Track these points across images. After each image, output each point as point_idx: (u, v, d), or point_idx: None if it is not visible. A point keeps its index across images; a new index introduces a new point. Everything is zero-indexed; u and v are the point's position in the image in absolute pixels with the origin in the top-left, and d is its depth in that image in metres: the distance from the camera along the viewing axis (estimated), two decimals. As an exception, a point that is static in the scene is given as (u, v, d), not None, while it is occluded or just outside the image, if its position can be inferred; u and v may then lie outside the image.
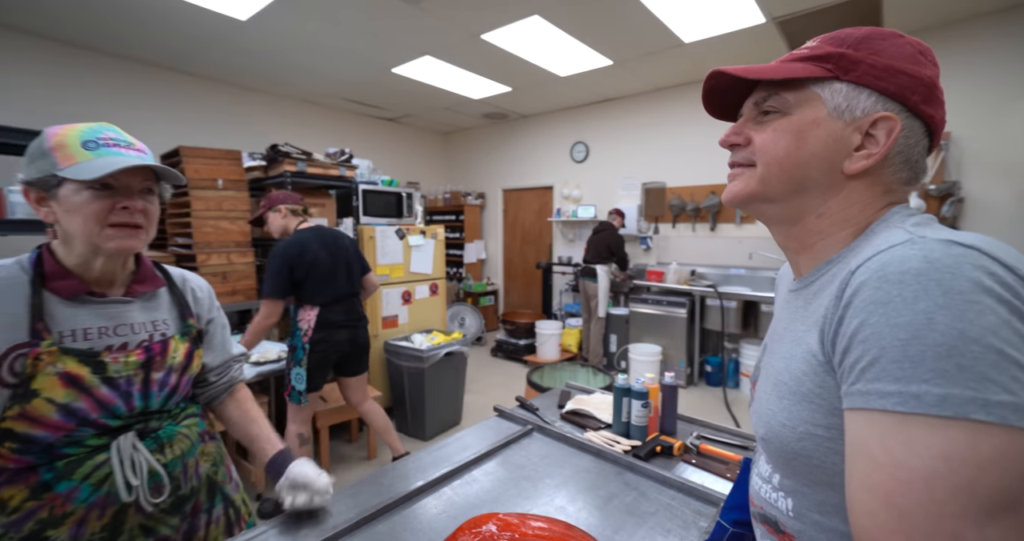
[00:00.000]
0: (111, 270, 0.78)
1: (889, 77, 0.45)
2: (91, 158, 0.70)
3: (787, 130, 0.47)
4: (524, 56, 3.51)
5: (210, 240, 2.55)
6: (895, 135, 0.44)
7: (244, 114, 4.29)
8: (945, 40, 3.05)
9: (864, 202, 0.47)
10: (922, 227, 0.42)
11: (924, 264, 0.35)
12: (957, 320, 0.32)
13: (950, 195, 3.06)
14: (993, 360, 0.31)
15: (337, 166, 2.78)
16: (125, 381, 0.75)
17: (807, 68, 0.47)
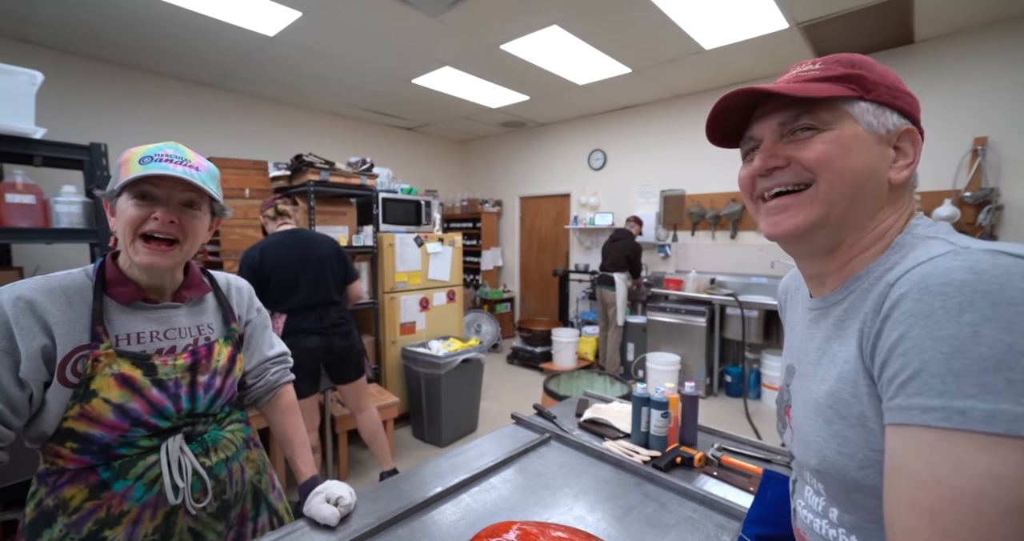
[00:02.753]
0: (158, 280, 0.81)
1: (902, 96, 0.48)
2: (139, 170, 0.73)
3: (838, 142, 0.46)
4: (542, 65, 3.54)
5: (236, 247, 2.63)
6: (919, 146, 0.47)
7: (272, 126, 4.44)
8: (980, 42, 2.97)
9: (898, 213, 0.48)
10: (956, 236, 0.42)
11: (970, 275, 0.34)
12: (1006, 333, 0.31)
13: (987, 202, 2.94)
14: None
15: (358, 175, 2.84)
16: (173, 383, 0.78)
17: (834, 88, 0.47)
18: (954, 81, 3.07)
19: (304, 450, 0.96)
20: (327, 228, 2.80)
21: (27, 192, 1.74)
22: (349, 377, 2.12)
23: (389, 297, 3.03)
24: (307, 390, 2.00)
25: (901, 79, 0.50)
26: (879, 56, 3.31)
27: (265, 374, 1.00)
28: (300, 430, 0.99)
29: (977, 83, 3.00)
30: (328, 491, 0.87)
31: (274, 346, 1.03)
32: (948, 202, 3.03)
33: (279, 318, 1.98)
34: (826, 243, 0.49)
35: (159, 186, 0.75)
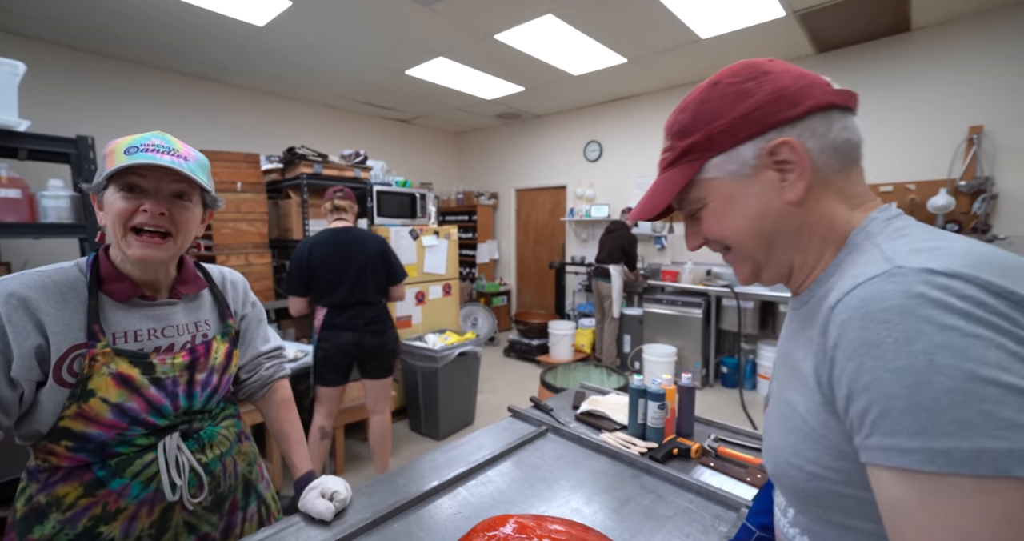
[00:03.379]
0: (152, 276, 0.79)
1: (742, 126, 0.45)
2: (124, 161, 0.70)
3: (720, 212, 0.49)
4: (537, 55, 3.50)
5: (229, 242, 2.60)
6: (799, 147, 0.44)
7: (263, 119, 4.38)
8: (977, 30, 2.95)
9: (829, 217, 0.46)
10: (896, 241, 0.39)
11: (907, 300, 0.32)
12: (964, 360, 0.29)
13: (982, 192, 2.95)
14: (1017, 401, 0.28)
15: (352, 168, 2.81)
16: (171, 382, 0.77)
17: (682, 174, 0.49)
18: (950, 69, 3.06)
19: (300, 446, 0.95)
20: (320, 221, 2.77)
21: (12, 186, 1.70)
22: (376, 374, 2.17)
23: (385, 291, 3.01)
24: (335, 381, 2.10)
25: (750, 83, 0.46)
26: (875, 45, 3.29)
27: (259, 369, 0.99)
28: (296, 426, 0.98)
29: (973, 71, 2.99)
30: (323, 486, 0.86)
31: (268, 340, 1.02)
32: (943, 191, 3.03)
33: (320, 311, 2.07)
34: (778, 277, 0.51)
35: (147, 177, 0.73)
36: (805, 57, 3.55)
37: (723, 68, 0.50)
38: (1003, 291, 0.31)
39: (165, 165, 0.71)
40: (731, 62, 0.52)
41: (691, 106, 0.50)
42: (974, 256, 0.34)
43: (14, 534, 0.71)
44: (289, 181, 2.71)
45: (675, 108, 0.52)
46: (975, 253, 0.35)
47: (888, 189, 3.29)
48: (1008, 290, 0.31)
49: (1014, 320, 0.30)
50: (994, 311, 0.31)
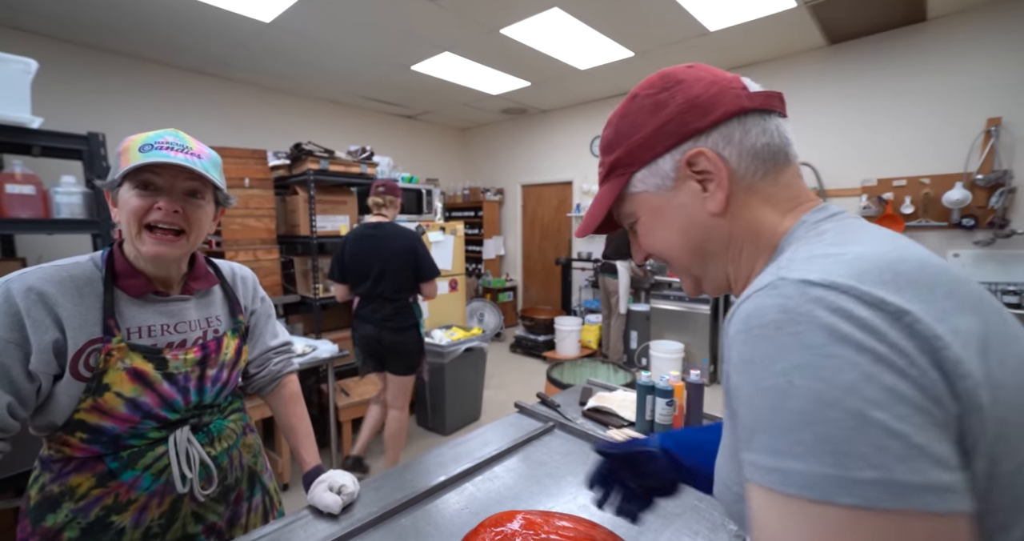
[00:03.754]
0: (165, 272, 0.80)
1: (659, 139, 0.46)
2: (139, 158, 0.71)
3: (650, 226, 0.50)
4: (543, 50, 3.47)
5: (237, 237, 2.62)
6: (714, 157, 0.43)
7: (269, 115, 4.39)
8: (995, 19, 2.87)
9: (756, 225, 0.44)
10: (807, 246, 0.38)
11: (781, 315, 0.32)
12: (814, 380, 0.29)
13: (1000, 185, 2.88)
14: (854, 427, 0.27)
15: (358, 163, 2.82)
16: (183, 377, 0.78)
17: (612, 189, 0.51)
18: (968, 60, 2.99)
19: (308, 440, 0.96)
20: (327, 217, 2.78)
21: (26, 182, 1.73)
22: (395, 370, 2.21)
23: (391, 287, 3.02)
24: (365, 370, 2.28)
25: (663, 94, 0.46)
26: (889, 35, 3.22)
27: (268, 364, 1.00)
28: (304, 420, 0.99)
29: (992, 62, 2.91)
30: (331, 480, 0.87)
31: (277, 335, 1.02)
32: (959, 185, 2.97)
33: (355, 300, 2.22)
34: (718, 288, 0.50)
35: (161, 175, 0.73)
36: (816, 49, 3.48)
37: (643, 80, 0.50)
38: (877, 302, 0.30)
39: (179, 163, 0.71)
40: (739, 56, 0.52)
41: (614, 121, 0.51)
42: (869, 262, 0.33)
43: (28, 521, 0.73)
44: (296, 177, 2.72)
45: (605, 122, 0.53)
46: (872, 258, 0.33)
47: (901, 183, 3.23)
48: (882, 301, 0.30)
49: (879, 334, 0.29)
50: (860, 325, 0.29)
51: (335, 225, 2.81)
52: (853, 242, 0.36)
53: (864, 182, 3.37)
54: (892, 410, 0.27)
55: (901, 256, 0.34)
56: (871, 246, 0.35)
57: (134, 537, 0.74)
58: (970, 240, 3.02)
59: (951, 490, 0.27)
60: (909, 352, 0.29)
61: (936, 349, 0.29)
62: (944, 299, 0.31)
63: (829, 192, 3.51)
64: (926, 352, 0.29)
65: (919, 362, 0.28)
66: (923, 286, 0.32)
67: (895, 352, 0.29)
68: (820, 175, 3.53)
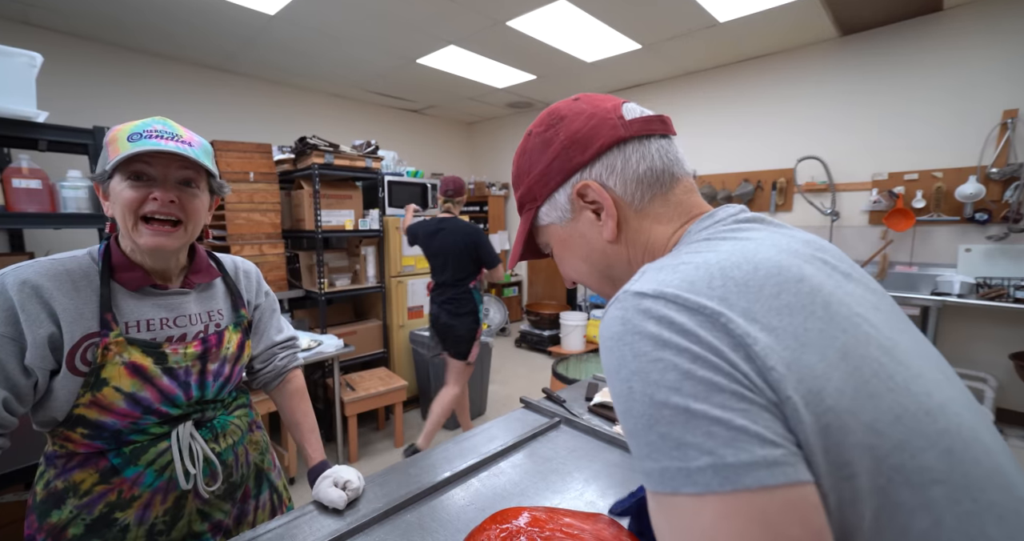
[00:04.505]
0: (163, 264, 0.79)
1: (551, 175, 0.49)
2: (129, 148, 0.70)
3: (561, 255, 0.54)
4: (550, 42, 3.43)
5: (243, 232, 2.62)
6: (597, 188, 0.47)
7: (274, 109, 4.39)
8: (1014, 9, 2.80)
9: (651, 245, 0.47)
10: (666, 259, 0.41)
11: (619, 327, 0.35)
12: (647, 385, 0.32)
13: (1015, 179, 2.82)
14: (683, 420, 0.30)
15: (363, 157, 2.80)
16: (184, 371, 0.77)
17: (524, 224, 0.55)
18: (983, 50, 2.92)
19: (312, 435, 0.96)
20: (332, 212, 2.77)
21: (33, 177, 1.73)
22: (450, 351, 2.46)
23: (396, 281, 3.02)
24: (439, 349, 2.51)
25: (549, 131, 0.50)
26: (903, 26, 3.15)
27: (273, 359, 0.99)
28: (309, 415, 0.98)
29: (1009, 52, 2.84)
30: (336, 475, 0.87)
31: (282, 330, 1.02)
32: (973, 179, 2.91)
33: (430, 284, 2.53)
34: None
35: (153, 164, 0.72)
36: (828, 41, 3.42)
37: (537, 116, 0.54)
38: (696, 307, 0.33)
39: (171, 151, 0.69)
40: (748, 49, 0.54)
41: (516, 159, 0.55)
42: (704, 270, 0.36)
43: (34, 517, 0.73)
44: (301, 171, 2.71)
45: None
46: (710, 265, 0.36)
47: (913, 177, 3.18)
48: (701, 306, 0.33)
49: (695, 336, 0.32)
50: (679, 330, 0.33)
51: (340, 220, 2.80)
52: (709, 250, 0.39)
53: (875, 176, 3.32)
54: (711, 400, 0.30)
55: (739, 261, 0.37)
56: (721, 253, 0.38)
57: (138, 534, 0.74)
58: (983, 235, 2.97)
59: (780, 463, 0.29)
60: (721, 349, 0.32)
61: (746, 345, 0.32)
62: (769, 299, 0.34)
63: (839, 186, 3.46)
64: (738, 348, 0.32)
65: (730, 357, 0.31)
66: (750, 289, 0.35)
67: (708, 350, 0.32)
68: (829, 169, 3.47)
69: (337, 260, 3.02)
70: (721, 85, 3.99)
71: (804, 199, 3.60)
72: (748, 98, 3.83)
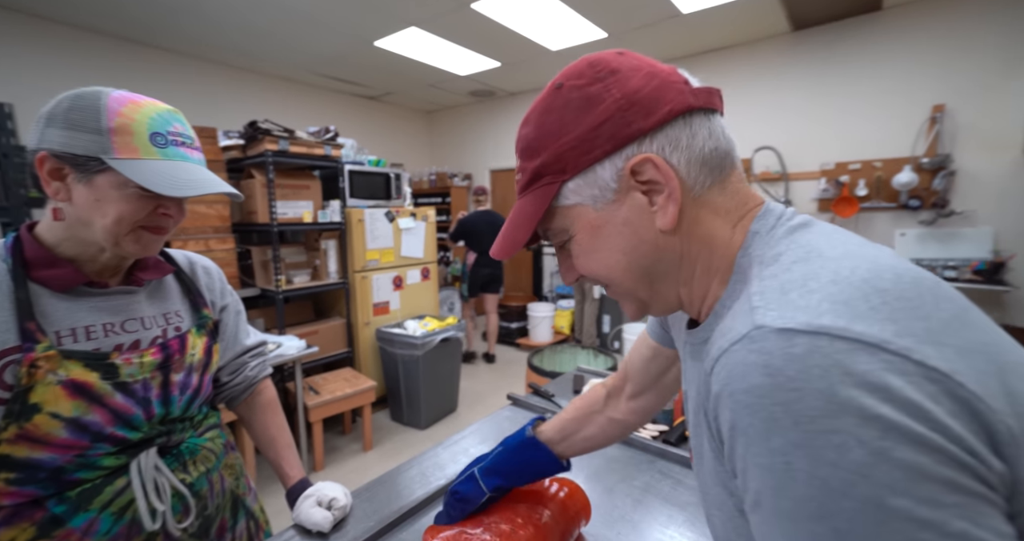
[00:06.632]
0: (115, 262, 0.66)
1: (596, 142, 0.38)
2: (158, 159, 0.58)
3: (588, 246, 0.42)
4: (515, 28, 3.34)
5: (185, 226, 2.38)
6: (662, 164, 0.37)
7: (215, 91, 4.02)
8: (944, 10, 3.00)
9: (709, 242, 0.40)
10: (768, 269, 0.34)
11: (766, 379, 0.27)
12: (817, 464, 0.25)
13: (942, 168, 3.06)
14: (873, 520, 0.24)
15: (322, 145, 2.61)
16: (141, 386, 0.64)
17: (538, 201, 0.42)
18: (917, 48, 3.13)
19: (289, 451, 0.85)
20: (288, 203, 2.57)
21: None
22: (493, 291, 3.96)
23: (360, 276, 2.87)
24: (477, 293, 3.93)
25: (596, 85, 0.39)
26: (848, 23, 3.32)
27: (244, 369, 0.87)
28: (284, 429, 0.87)
29: (938, 51, 3.06)
30: (319, 493, 0.77)
31: (251, 334, 0.90)
32: (908, 168, 3.13)
33: (471, 255, 3.86)
34: (669, 310, 0.45)
35: None
36: (782, 35, 3.54)
37: (567, 66, 0.42)
38: (877, 343, 0.26)
39: (218, 192, 0.63)
40: (708, 41, 0.44)
41: (534, 117, 0.42)
42: (847, 284, 0.29)
43: None
44: (252, 159, 2.49)
45: (522, 119, 0.44)
46: (846, 277, 0.30)
47: (856, 167, 3.38)
48: (882, 342, 0.26)
49: (890, 393, 0.25)
50: (864, 383, 0.26)
51: (297, 211, 2.61)
52: (812, 258, 0.32)
53: (823, 165, 3.50)
54: (915, 493, 0.23)
55: (873, 267, 0.30)
56: (834, 262, 0.31)
57: None
58: (916, 220, 3.21)
59: None
60: (926, 408, 0.24)
61: (960, 397, 0.25)
62: (939, 315, 0.28)
63: (791, 175, 3.63)
64: (949, 401, 0.25)
65: (939, 419, 0.24)
66: (913, 304, 0.28)
67: (907, 413, 0.24)
68: (783, 159, 3.63)
69: (295, 255, 2.82)
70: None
71: (760, 188, 3.74)
72: (707, 90, 3.93)
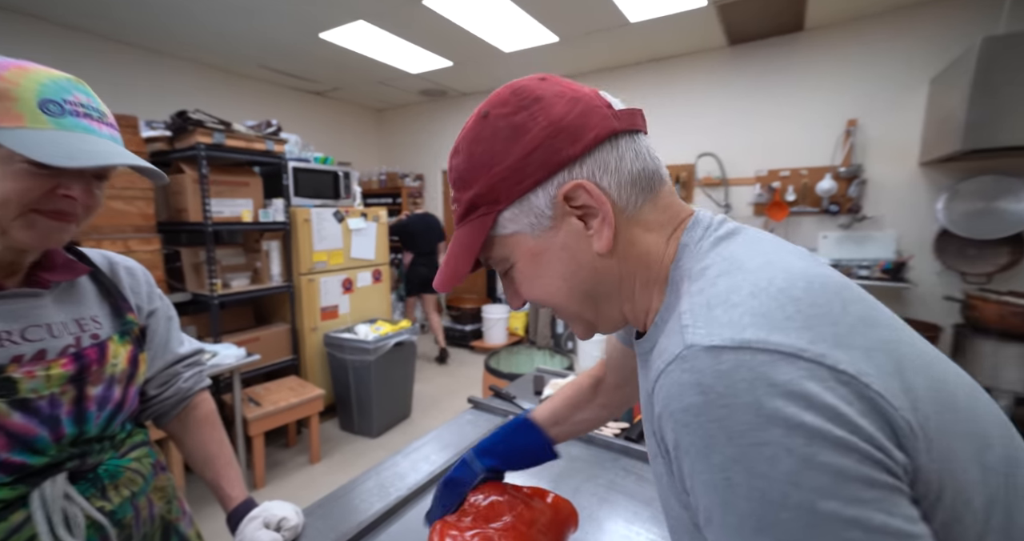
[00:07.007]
0: (9, 258, 0.57)
1: (526, 171, 0.39)
2: (51, 128, 0.49)
3: (530, 274, 0.43)
4: (468, 27, 3.31)
5: (100, 224, 2.13)
6: (593, 189, 0.38)
7: (135, 78, 3.66)
8: (858, 33, 3.33)
9: (644, 259, 0.41)
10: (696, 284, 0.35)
11: (699, 397, 0.29)
12: (754, 477, 0.27)
13: (856, 177, 3.39)
14: (808, 525, 0.25)
15: (263, 139, 2.44)
16: (48, 402, 0.55)
17: (475, 232, 0.42)
18: (833, 67, 3.45)
19: (230, 469, 0.76)
20: (225, 201, 2.38)
21: None
22: (431, 290, 3.88)
23: (307, 279, 2.71)
24: (416, 293, 4.04)
25: (521, 114, 0.39)
26: (777, 40, 3.59)
27: (176, 381, 0.77)
28: (225, 445, 0.79)
29: (852, 69, 3.39)
30: (266, 514, 0.70)
31: (184, 342, 0.80)
32: (828, 176, 3.44)
33: (408, 256, 4.05)
34: (615, 327, 0.46)
35: None
36: (719, 48, 3.78)
37: (492, 94, 0.42)
38: (793, 352, 0.28)
39: (125, 165, 0.52)
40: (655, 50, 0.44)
41: (464, 147, 0.42)
42: (765, 296, 0.31)
43: None
44: (181, 152, 2.28)
45: (451, 148, 0.44)
46: (764, 288, 0.31)
47: (786, 174, 3.66)
48: (798, 350, 0.28)
49: (811, 400, 0.27)
50: (788, 393, 0.27)
51: (235, 210, 2.42)
52: (736, 267, 0.34)
53: (757, 172, 3.76)
54: (841, 495, 0.25)
55: (788, 276, 0.32)
56: (753, 268, 0.33)
57: None
58: (835, 224, 3.53)
59: None
60: (841, 411, 0.26)
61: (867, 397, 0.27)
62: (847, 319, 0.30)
63: (731, 181, 3.87)
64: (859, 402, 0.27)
65: (854, 420, 0.26)
66: (823, 310, 0.30)
67: (826, 418, 0.26)
68: (723, 165, 3.86)
69: (232, 257, 2.62)
70: (630, 83, 4.21)
71: (703, 192, 3.96)
72: (653, 97, 4.10)
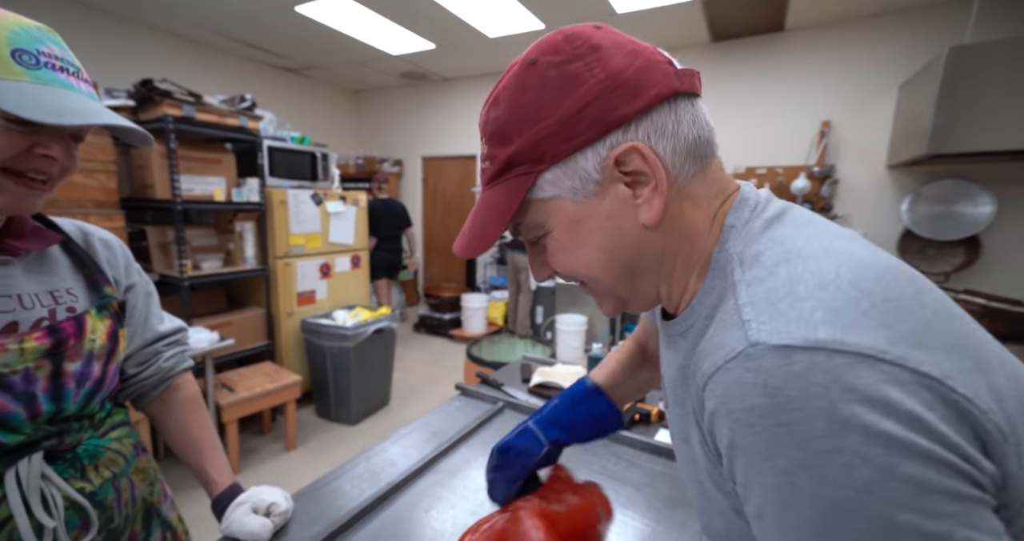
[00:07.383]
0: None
1: (576, 127, 0.35)
2: (26, 81, 0.46)
3: (567, 243, 0.39)
4: (453, 9, 3.23)
5: (57, 198, 1.99)
6: (648, 153, 0.34)
7: (97, 44, 3.40)
8: (834, 36, 3.42)
9: (689, 236, 0.38)
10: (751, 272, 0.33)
11: (766, 399, 0.27)
12: (823, 485, 0.25)
13: (828, 176, 3.52)
14: (882, 537, 0.24)
15: (236, 114, 2.32)
16: (22, 377, 0.52)
17: (510, 193, 0.38)
18: (811, 68, 3.54)
19: (215, 453, 0.73)
20: (195, 178, 2.26)
21: None
22: (392, 275, 4.13)
23: (283, 263, 2.62)
24: (383, 277, 4.05)
25: (576, 63, 0.35)
26: (759, 39, 3.66)
27: (157, 359, 0.73)
28: (208, 428, 0.75)
29: (828, 71, 3.50)
30: (255, 499, 0.68)
31: (164, 320, 0.76)
32: (803, 175, 3.55)
33: (372, 240, 3.77)
34: (647, 306, 0.43)
35: None
36: (702, 44, 3.82)
37: (539, 40, 0.38)
38: (872, 354, 0.26)
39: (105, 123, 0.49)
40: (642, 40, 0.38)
41: (505, 97, 0.37)
42: (835, 289, 0.28)
43: None
44: (147, 124, 2.13)
45: (488, 96, 0.39)
46: (831, 279, 0.29)
47: (763, 172, 3.76)
48: (877, 352, 0.26)
49: (891, 406, 0.25)
50: (866, 399, 0.26)
51: (206, 188, 2.30)
52: (794, 254, 0.32)
53: (735, 169, 3.85)
54: (920, 508, 0.24)
55: (855, 265, 0.30)
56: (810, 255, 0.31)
57: None
58: (808, 222, 3.67)
59: None
60: (925, 419, 0.25)
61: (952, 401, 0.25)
62: (923, 312, 0.28)
63: (709, 177, 3.96)
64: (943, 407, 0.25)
65: (937, 429, 0.25)
66: (898, 304, 0.28)
67: (909, 426, 0.24)
68: (702, 162, 3.94)
69: (203, 238, 2.50)
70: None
71: (682, 187, 4.04)
72: (637, 91, 4.13)
